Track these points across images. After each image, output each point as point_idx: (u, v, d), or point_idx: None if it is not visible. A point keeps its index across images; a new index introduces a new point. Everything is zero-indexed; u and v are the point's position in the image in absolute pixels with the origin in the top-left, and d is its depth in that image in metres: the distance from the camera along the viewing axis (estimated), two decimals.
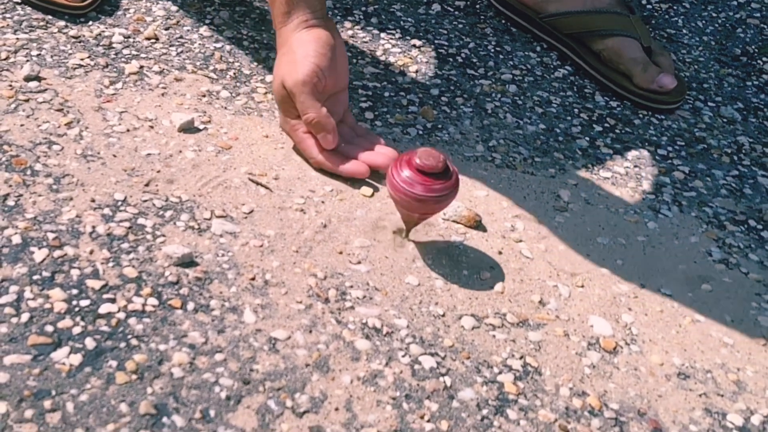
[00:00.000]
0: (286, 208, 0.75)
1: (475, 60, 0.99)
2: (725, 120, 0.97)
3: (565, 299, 0.71)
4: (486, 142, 0.86)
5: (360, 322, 0.65)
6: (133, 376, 0.58)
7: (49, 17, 0.91)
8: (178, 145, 0.79)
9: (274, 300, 0.66)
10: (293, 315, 0.65)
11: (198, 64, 0.90)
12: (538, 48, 1.03)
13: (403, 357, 0.63)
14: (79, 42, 0.89)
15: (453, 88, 0.94)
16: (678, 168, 0.89)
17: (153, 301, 0.64)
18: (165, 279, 0.66)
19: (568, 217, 0.79)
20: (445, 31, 1.03)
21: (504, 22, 1.07)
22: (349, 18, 1.02)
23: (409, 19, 1.04)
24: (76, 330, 0.61)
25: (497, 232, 0.76)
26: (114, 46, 0.90)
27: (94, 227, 0.69)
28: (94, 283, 0.64)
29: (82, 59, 0.87)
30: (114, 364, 0.59)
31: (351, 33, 1.00)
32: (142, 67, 0.87)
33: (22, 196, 0.70)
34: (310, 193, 0.77)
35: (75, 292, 0.63)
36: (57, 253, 0.66)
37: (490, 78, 0.96)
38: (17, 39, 0.87)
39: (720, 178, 0.88)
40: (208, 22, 0.96)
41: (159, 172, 0.75)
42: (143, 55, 0.89)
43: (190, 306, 0.64)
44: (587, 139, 0.90)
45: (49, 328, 0.60)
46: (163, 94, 0.85)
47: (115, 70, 0.86)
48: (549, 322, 0.69)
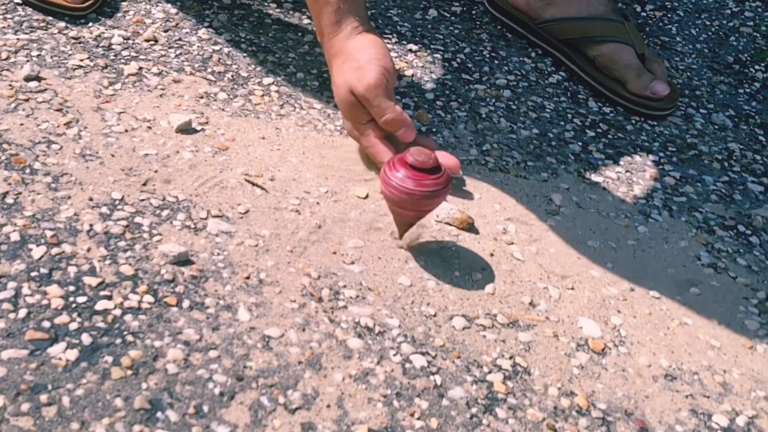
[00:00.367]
0: (282, 208, 0.76)
1: (470, 65, 1.00)
2: (717, 127, 0.99)
3: (555, 301, 0.72)
4: (480, 146, 0.88)
5: (353, 321, 0.66)
6: (129, 372, 0.59)
7: (50, 18, 0.93)
8: (175, 145, 0.80)
9: (268, 299, 0.67)
10: (287, 313, 0.66)
11: (196, 66, 0.91)
12: (533, 54, 1.05)
13: (394, 356, 0.64)
14: (79, 43, 0.90)
15: (448, 92, 0.95)
16: (669, 173, 0.90)
17: (149, 298, 0.65)
18: (161, 277, 0.67)
19: (559, 220, 0.81)
20: (441, 36, 1.04)
21: (499, 27, 1.08)
22: None
23: (406, 24, 1.05)
24: (73, 326, 0.61)
25: (489, 234, 0.77)
26: (113, 47, 0.91)
27: (91, 225, 0.70)
28: (91, 280, 0.65)
29: (81, 60, 0.88)
30: (110, 359, 0.60)
31: None
32: (141, 68, 0.89)
33: (21, 194, 0.71)
34: (306, 194, 0.78)
35: (72, 288, 0.64)
36: (55, 250, 0.67)
37: (485, 83, 0.98)
38: (18, 39, 0.88)
39: (710, 183, 0.90)
40: (206, 24, 0.97)
41: (156, 172, 0.76)
42: (142, 57, 0.90)
43: (186, 304, 0.65)
44: (580, 144, 0.92)
45: (46, 324, 0.61)
46: (161, 96, 0.86)
47: (114, 71, 0.87)
48: (539, 323, 0.70)
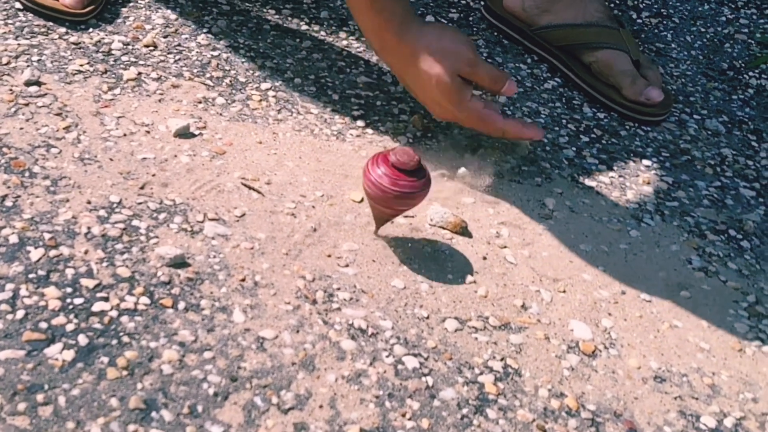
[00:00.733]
0: (278, 212, 0.77)
1: None
2: (710, 132, 1.00)
3: (547, 304, 0.73)
4: (474, 150, 0.89)
5: (346, 323, 0.67)
6: (124, 372, 0.60)
7: (50, 24, 0.94)
8: (173, 149, 0.81)
9: (263, 301, 0.68)
10: (281, 315, 0.67)
11: (195, 71, 0.92)
12: (528, 60, 1.06)
13: (387, 357, 0.65)
14: (79, 48, 0.91)
15: None
16: (662, 178, 0.91)
17: (145, 300, 0.66)
18: (157, 279, 0.68)
19: (552, 224, 0.81)
20: None
21: (496, 34, 1.09)
22: (344, 28, 1.04)
23: None
24: (70, 327, 0.62)
25: (482, 238, 0.78)
26: (113, 52, 0.92)
27: (89, 228, 0.71)
28: (88, 282, 0.66)
29: (81, 65, 0.89)
30: (105, 360, 0.61)
31: (345, 43, 1.02)
32: (140, 73, 0.90)
33: (20, 197, 0.72)
34: (301, 198, 0.79)
35: (69, 290, 0.65)
36: (53, 252, 0.68)
37: (480, 88, 0.99)
38: (18, 44, 0.90)
39: (703, 188, 0.91)
40: (205, 30, 0.99)
41: (154, 175, 0.77)
42: (141, 62, 0.91)
43: (181, 305, 0.66)
44: (574, 149, 0.93)
45: (43, 325, 0.62)
46: (160, 101, 0.87)
47: (113, 76, 0.89)
48: (530, 326, 0.70)
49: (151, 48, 0.94)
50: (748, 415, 0.67)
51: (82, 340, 0.62)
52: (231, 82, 0.92)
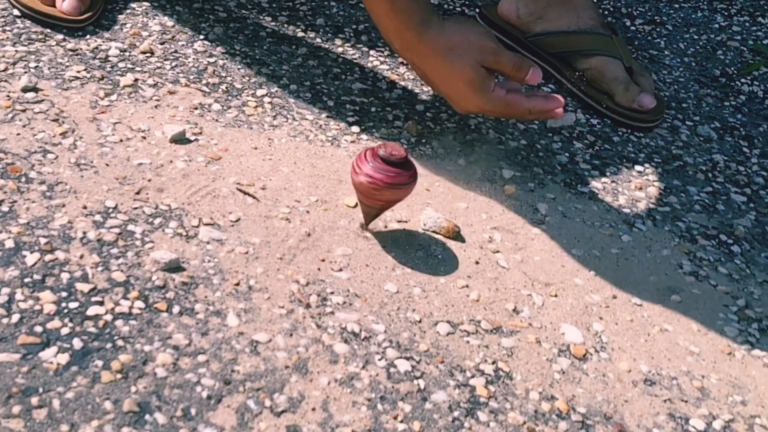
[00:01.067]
0: (272, 217, 0.77)
1: None
2: (702, 138, 1.00)
3: (539, 308, 0.73)
4: (468, 156, 0.89)
5: (339, 327, 0.68)
6: (118, 376, 0.61)
7: (48, 31, 0.95)
8: (169, 155, 0.82)
9: (257, 305, 0.68)
10: (275, 319, 0.68)
11: (191, 77, 0.93)
12: None
13: (379, 360, 0.66)
14: (77, 55, 0.92)
15: (438, 104, 0.97)
16: (654, 184, 0.92)
17: (140, 304, 0.66)
18: (152, 283, 0.68)
19: (544, 229, 0.82)
20: None
21: None
22: (340, 35, 1.05)
23: None
24: (65, 331, 0.63)
25: (475, 242, 0.79)
26: (110, 59, 0.93)
27: (84, 233, 0.71)
28: (83, 286, 0.67)
29: (78, 71, 0.90)
30: (100, 363, 0.61)
31: (341, 50, 1.03)
32: (136, 80, 0.91)
33: (16, 202, 0.73)
34: (296, 203, 0.79)
35: (64, 294, 0.66)
36: (48, 257, 0.68)
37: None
38: (16, 51, 0.91)
39: (694, 194, 0.91)
40: (202, 37, 0.99)
41: (150, 180, 0.78)
42: (138, 69, 0.92)
43: (176, 309, 0.67)
44: (567, 154, 0.93)
45: (38, 329, 0.63)
46: (156, 107, 0.88)
47: (110, 82, 0.89)
48: (522, 330, 0.71)
49: (148, 54, 0.95)
50: (737, 418, 0.67)
51: (77, 343, 0.62)
52: (227, 88, 0.92)
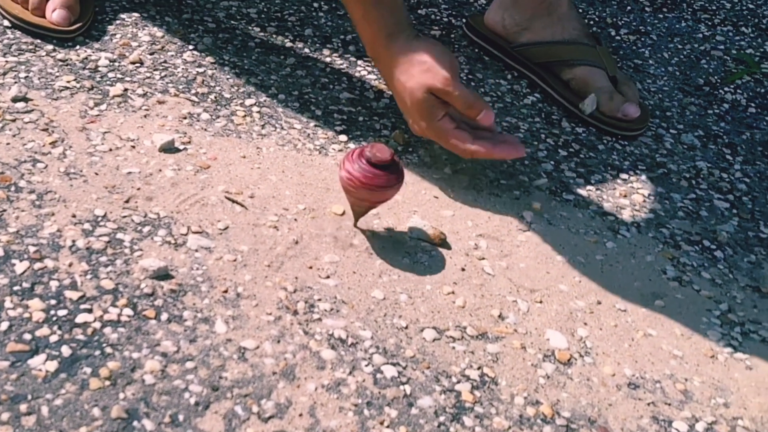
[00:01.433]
0: (260, 225, 0.78)
1: None
2: (686, 146, 1.02)
3: (524, 314, 0.74)
4: (454, 164, 0.90)
5: (326, 333, 0.68)
6: (107, 383, 0.61)
7: (38, 41, 0.95)
8: (158, 164, 0.82)
9: (245, 312, 0.69)
10: (263, 326, 0.68)
11: (180, 87, 0.94)
12: (509, 76, 1.08)
13: (366, 366, 0.66)
14: (66, 65, 0.93)
15: None
16: (638, 191, 0.93)
17: (128, 311, 0.67)
18: (140, 291, 0.69)
19: (530, 236, 0.83)
20: None
21: (477, 51, 1.11)
22: (328, 46, 1.06)
23: None
24: (53, 338, 0.63)
25: (461, 250, 0.80)
26: (100, 69, 0.94)
27: (74, 241, 0.72)
28: (72, 294, 0.67)
29: (68, 82, 0.90)
30: (88, 370, 0.62)
31: (329, 60, 1.04)
32: (126, 89, 0.91)
33: (5, 211, 0.73)
34: (284, 211, 0.80)
35: (53, 302, 0.66)
36: (37, 265, 0.69)
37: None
38: (6, 61, 0.91)
39: (678, 201, 0.93)
40: (191, 47, 1.00)
41: (139, 189, 0.79)
42: (128, 79, 0.93)
43: (164, 316, 0.67)
44: (552, 162, 0.94)
45: (27, 336, 0.63)
46: (145, 116, 0.88)
47: (100, 92, 0.90)
48: (507, 335, 0.72)
49: (138, 65, 0.96)
50: (719, 420, 0.68)
51: (66, 351, 0.63)
52: (216, 98, 0.93)
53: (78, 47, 0.96)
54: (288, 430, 0.61)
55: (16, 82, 0.88)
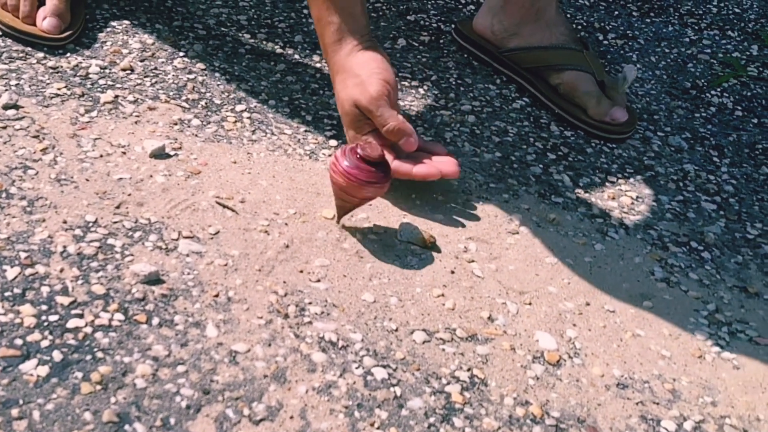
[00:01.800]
0: (251, 229, 0.78)
1: (437, 92, 1.04)
2: (673, 149, 1.03)
3: (513, 315, 0.75)
4: None
5: (317, 336, 0.69)
6: (98, 387, 0.61)
7: (29, 49, 0.96)
8: (149, 170, 0.83)
9: (236, 315, 0.69)
10: (254, 329, 0.68)
11: (171, 94, 0.94)
12: (497, 81, 1.09)
13: (356, 369, 0.67)
14: (57, 72, 0.93)
15: (414, 118, 0.99)
16: (626, 194, 0.94)
17: (119, 316, 0.67)
18: (132, 295, 0.69)
19: (519, 239, 0.84)
20: (410, 65, 1.09)
21: (466, 56, 1.12)
22: (318, 52, 1.07)
23: None
24: (45, 343, 0.64)
25: (451, 252, 0.80)
26: (90, 76, 0.94)
27: (65, 247, 0.72)
28: (63, 299, 0.67)
29: (59, 89, 0.91)
30: (80, 375, 0.62)
31: (319, 66, 1.05)
32: (117, 96, 0.92)
33: None
34: (275, 215, 0.81)
35: (44, 307, 0.66)
36: (28, 271, 0.69)
37: (450, 109, 1.02)
38: None
39: (666, 203, 0.93)
40: (182, 54, 1.01)
41: (130, 195, 0.79)
42: (118, 86, 0.93)
43: (155, 321, 0.67)
44: (541, 166, 0.95)
45: (18, 342, 0.63)
46: (136, 122, 0.89)
47: (90, 99, 0.91)
48: (497, 337, 0.72)
49: (128, 72, 0.96)
50: (707, 419, 0.69)
51: (57, 356, 0.63)
52: (206, 104, 0.94)
53: (69, 55, 0.97)
54: None
55: (6, 90, 0.89)
